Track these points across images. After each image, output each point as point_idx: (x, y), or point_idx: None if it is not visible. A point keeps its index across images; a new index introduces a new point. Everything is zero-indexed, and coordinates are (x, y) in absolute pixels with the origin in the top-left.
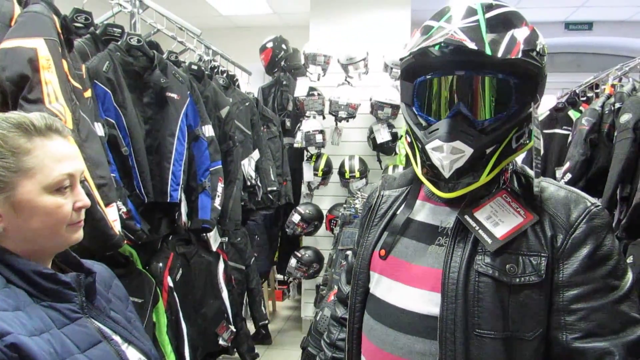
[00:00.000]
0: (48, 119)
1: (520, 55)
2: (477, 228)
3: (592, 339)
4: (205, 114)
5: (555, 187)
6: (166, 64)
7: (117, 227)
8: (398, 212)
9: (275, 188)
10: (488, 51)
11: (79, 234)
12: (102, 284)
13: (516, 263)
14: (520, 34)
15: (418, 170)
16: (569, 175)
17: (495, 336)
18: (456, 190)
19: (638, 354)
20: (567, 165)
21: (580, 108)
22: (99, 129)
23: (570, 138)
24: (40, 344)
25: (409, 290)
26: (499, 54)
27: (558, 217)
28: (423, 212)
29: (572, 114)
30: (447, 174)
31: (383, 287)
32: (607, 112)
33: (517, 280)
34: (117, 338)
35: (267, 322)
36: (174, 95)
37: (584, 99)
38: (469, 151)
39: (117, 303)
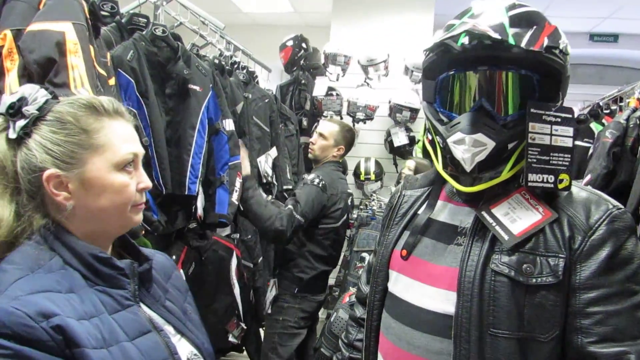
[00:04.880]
0: (115, 102)
1: (543, 50)
2: (494, 224)
3: (608, 344)
4: (226, 108)
5: (577, 189)
6: (189, 55)
7: None
8: (419, 212)
9: (290, 187)
10: (511, 40)
11: (140, 216)
12: (162, 274)
13: (533, 263)
14: (543, 31)
15: (439, 167)
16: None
17: (509, 336)
18: (477, 185)
19: None
20: (587, 177)
21: (603, 121)
22: None
23: (591, 151)
24: (88, 328)
25: (426, 288)
26: (522, 44)
27: (577, 218)
28: (444, 213)
29: (594, 126)
30: (468, 167)
31: (401, 286)
32: (632, 125)
33: (534, 280)
34: (169, 328)
35: None
36: (196, 88)
37: (607, 111)
38: (491, 144)
39: (174, 293)
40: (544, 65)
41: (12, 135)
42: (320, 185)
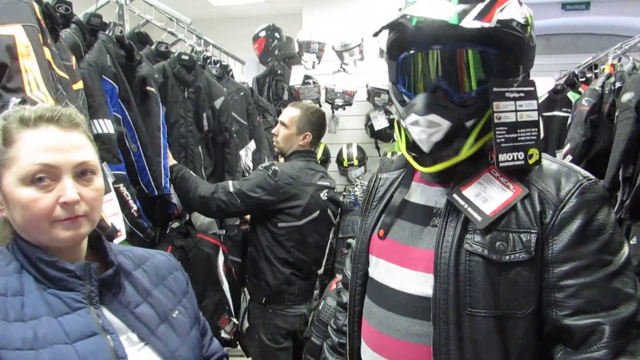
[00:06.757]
0: (45, 109)
1: (493, 24)
2: (466, 206)
3: (582, 316)
4: None
5: (548, 162)
6: (141, 56)
7: (109, 220)
8: (395, 194)
9: None
10: (453, 20)
11: (71, 233)
12: (154, 276)
13: (506, 240)
14: (497, 4)
15: (403, 148)
16: (569, 157)
17: (487, 314)
18: (438, 164)
19: (629, 332)
20: (567, 147)
21: (580, 89)
22: (109, 126)
23: (569, 120)
24: (17, 329)
25: (405, 272)
26: (464, 23)
27: (547, 192)
28: (418, 194)
29: (571, 95)
30: (425, 148)
31: (381, 270)
32: (607, 91)
33: (507, 257)
34: (132, 335)
35: None
36: (153, 89)
37: (583, 80)
38: (445, 124)
39: (161, 297)
40: (500, 40)
41: None
42: (270, 170)
